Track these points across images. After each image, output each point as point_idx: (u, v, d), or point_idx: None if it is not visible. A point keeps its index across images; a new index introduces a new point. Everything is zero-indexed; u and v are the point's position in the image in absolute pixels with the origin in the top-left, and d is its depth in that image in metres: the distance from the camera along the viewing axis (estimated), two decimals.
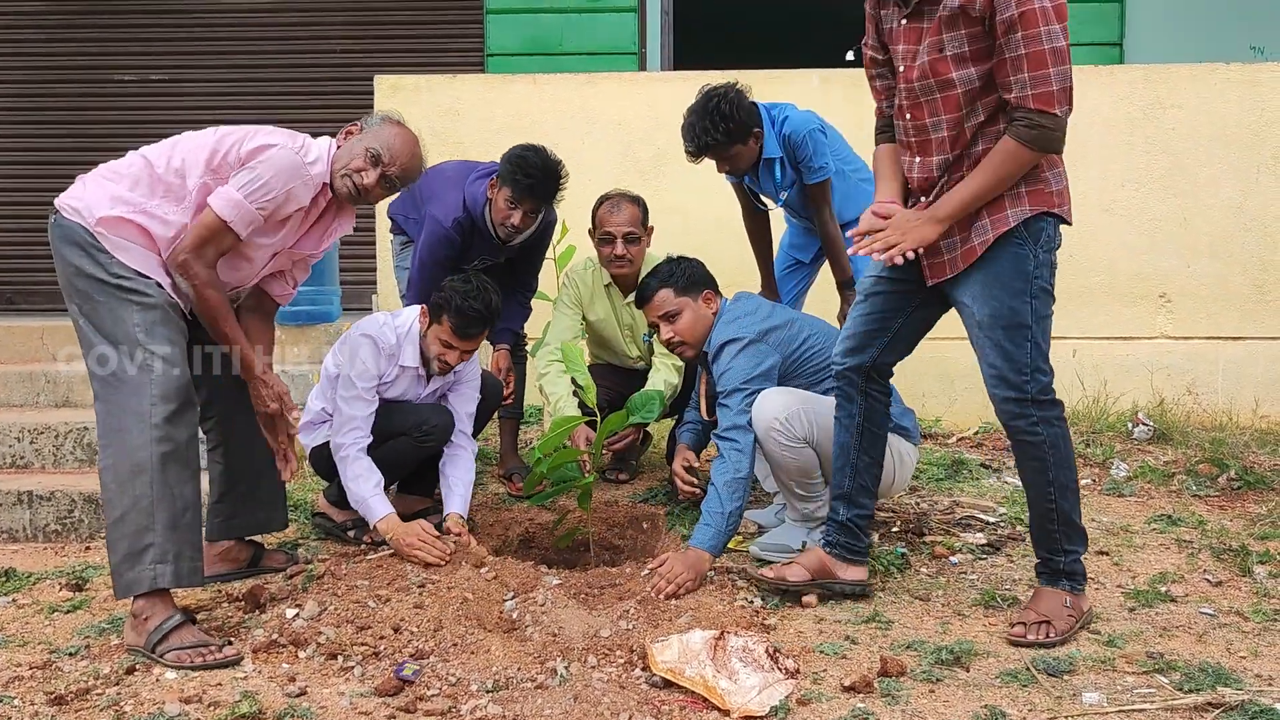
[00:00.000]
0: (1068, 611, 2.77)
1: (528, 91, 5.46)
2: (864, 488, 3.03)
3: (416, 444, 3.54)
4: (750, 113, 3.74)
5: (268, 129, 3.02)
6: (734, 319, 3.43)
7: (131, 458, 2.74)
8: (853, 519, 3.03)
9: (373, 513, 3.36)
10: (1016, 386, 2.69)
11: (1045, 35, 2.53)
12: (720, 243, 5.16)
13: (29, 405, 4.83)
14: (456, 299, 3.42)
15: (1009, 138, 2.60)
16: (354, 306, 5.79)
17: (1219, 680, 2.47)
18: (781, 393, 3.29)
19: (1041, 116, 2.56)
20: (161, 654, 2.69)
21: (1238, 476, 4.18)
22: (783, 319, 3.47)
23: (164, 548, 2.73)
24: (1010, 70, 2.56)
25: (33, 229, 6.72)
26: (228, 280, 3.05)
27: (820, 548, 3.10)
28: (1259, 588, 3.15)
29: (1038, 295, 2.68)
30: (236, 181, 2.88)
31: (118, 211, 2.86)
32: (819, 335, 3.48)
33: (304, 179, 2.95)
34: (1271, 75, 5.19)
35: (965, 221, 2.70)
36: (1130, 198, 5.24)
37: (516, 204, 3.79)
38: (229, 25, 6.95)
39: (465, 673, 2.54)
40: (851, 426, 3.01)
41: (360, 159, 3.01)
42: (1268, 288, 5.21)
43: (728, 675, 2.45)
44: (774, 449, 3.25)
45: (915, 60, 2.71)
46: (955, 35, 2.62)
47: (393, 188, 3.11)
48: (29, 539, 3.93)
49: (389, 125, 3.11)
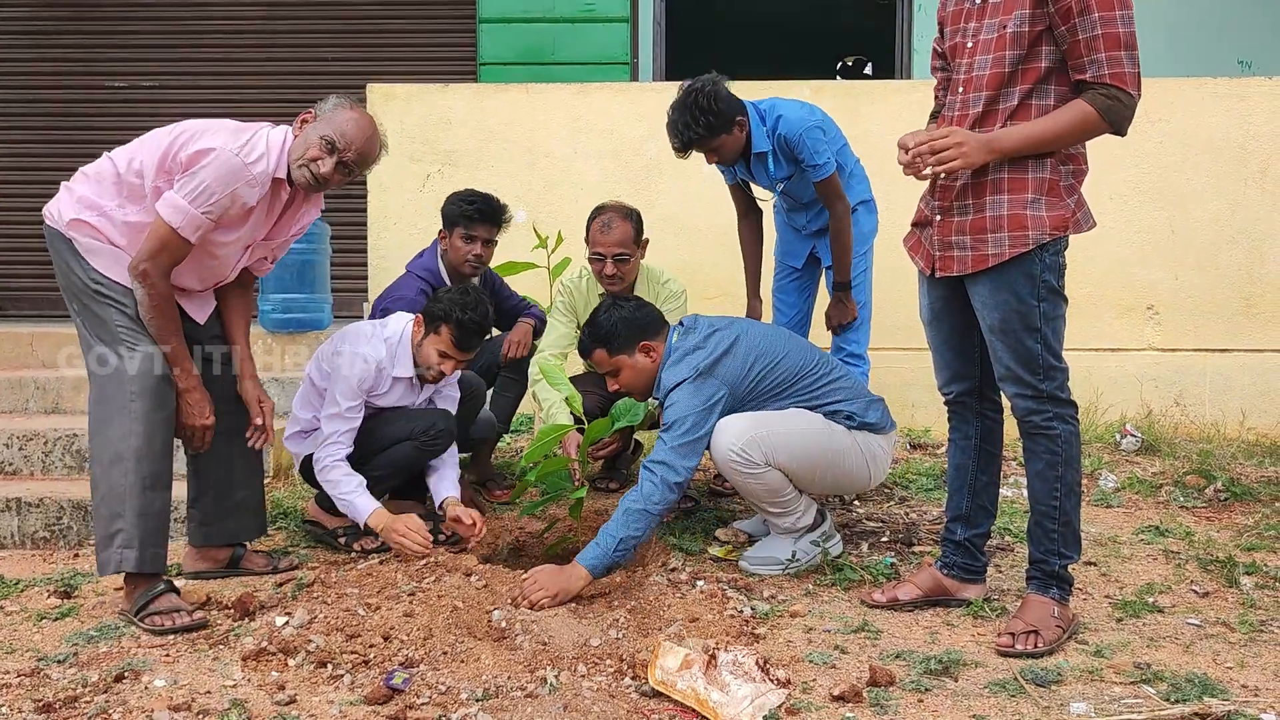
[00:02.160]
0: (1055, 621, 2.78)
1: (520, 101, 5.47)
2: (983, 508, 3.03)
3: (423, 448, 3.55)
4: (730, 103, 3.77)
5: (215, 127, 3.02)
6: (681, 358, 3.32)
7: (111, 447, 2.96)
8: (970, 539, 3.04)
9: (360, 511, 3.37)
10: (1030, 385, 2.73)
11: (1120, 19, 2.58)
12: (712, 252, 5.19)
13: (17, 412, 4.81)
14: (456, 311, 3.42)
15: (1083, 100, 2.62)
16: (345, 314, 5.78)
17: (1206, 691, 2.48)
18: (735, 420, 3.23)
19: (1120, 92, 2.59)
20: (141, 619, 2.96)
21: (1225, 488, 4.21)
22: (727, 344, 3.33)
23: (130, 534, 2.96)
24: (1085, 50, 2.60)
25: (21, 235, 6.73)
26: (205, 280, 3.15)
27: (934, 568, 3.10)
28: (1246, 599, 3.17)
29: (1045, 298, 2.70)
30: (181, 188, 2.93)
31: (81, 215, 3.01)
32: (771, 352, 3.37)
33: (246, 179, 2.97)
34: (1259, 89, 5.24)
35: (981, 223, 2.72)
36: (1118, 210, 5.27)
37: (473, 236, 3.94)
38: (221, 33, 6.96)
39: (455, 681, 2.54)
40: (968, 448, 3.01)
41: (316, 148, 3.04)
42: (1255, 300, 5.24)
43: (719, 688, 2.45)
44: (737, 479, 3.24)
45: (979, 36, 2.74)
46: (1021, 14, 2.65)
47: (351, 173, 3.13)
48: (17, 546, 3.92)
49: (342, 110, 3.12)
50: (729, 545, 3.59)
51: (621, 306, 3.42)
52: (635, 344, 3.38)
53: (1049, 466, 2.78)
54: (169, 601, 2.99)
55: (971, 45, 2.76)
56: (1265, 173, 5.22)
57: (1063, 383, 2.75)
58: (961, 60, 2.79)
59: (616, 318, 3.38)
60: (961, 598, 3.06)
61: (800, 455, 3.25)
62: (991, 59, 2.70)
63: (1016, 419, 2.80)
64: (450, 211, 4.00)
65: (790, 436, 3.23)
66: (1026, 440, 2.81)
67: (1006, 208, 2.69)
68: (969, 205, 2.75)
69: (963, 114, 2.75)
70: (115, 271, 3.02)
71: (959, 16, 2.82)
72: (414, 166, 5.42)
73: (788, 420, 3.28)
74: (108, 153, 3.08)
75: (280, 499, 4.03)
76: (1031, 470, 2.83)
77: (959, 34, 2.81)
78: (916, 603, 3.05)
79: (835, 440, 3.31)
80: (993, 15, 2.72)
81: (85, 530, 3.91)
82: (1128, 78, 2.59)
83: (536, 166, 5.45)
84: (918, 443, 4.95)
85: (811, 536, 3.39)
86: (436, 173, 5.43)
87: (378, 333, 3.56)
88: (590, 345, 3.43)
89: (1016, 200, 2.68)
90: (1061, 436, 2.75)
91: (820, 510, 3.44)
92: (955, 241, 2.77)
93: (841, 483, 3.42)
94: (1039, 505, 2.83)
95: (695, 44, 9.24)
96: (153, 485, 2.99)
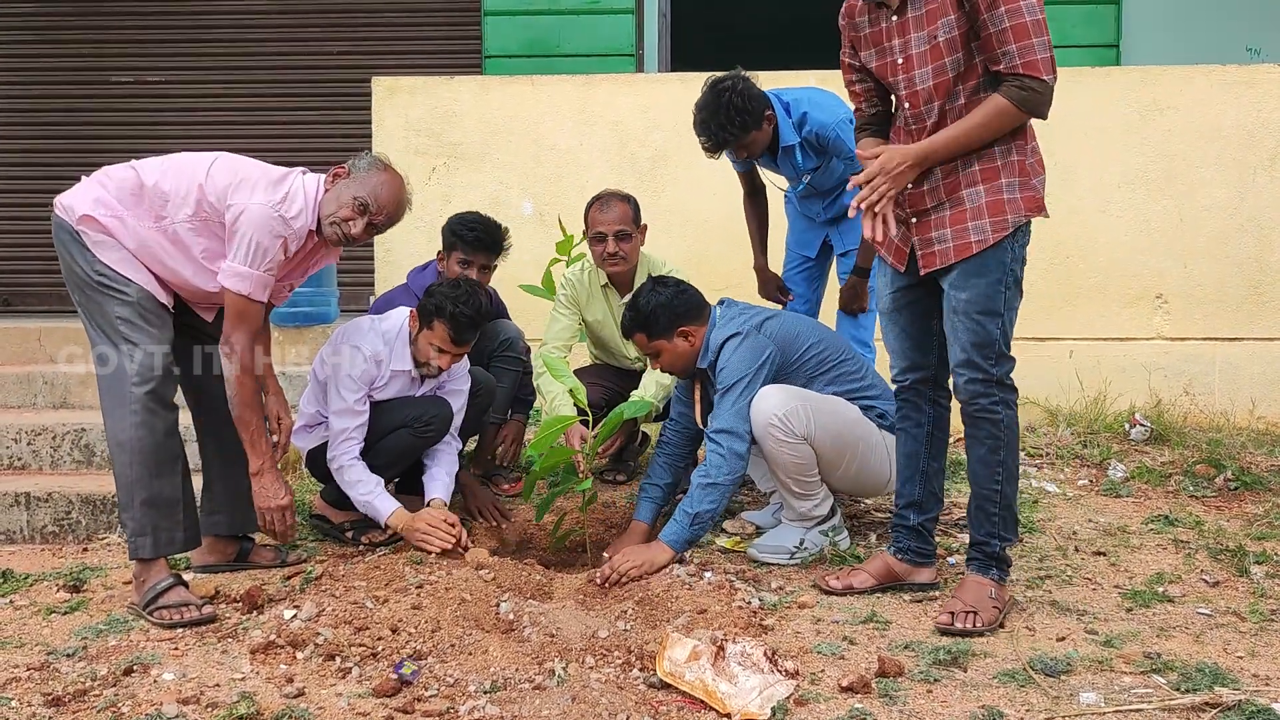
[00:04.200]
0: (993, 602, 2.86)
1: (525, 93, 5.46)
2: (933, 494, 3.09)
3: (417, 435, 3.55)
4: (758, 98, 3.76)
5: (253, 175, 3.09)
6: (729, 319, 3.43)
7: (116, 437, 3.03)
8: (922, 524, 3.09)
9: (380, 511, 3.40)
10: (983, 368, 2.81)
11: (1026, 8, 2.67)
12: (718, 242, 5.18)
13: (26, 407, 4.83)
14: (449, 305, 3.42)
15: (999, 96, 2.72)
16: (351, 308, 5.79)
17: (1216, 680, 2.48)
18: (779, 389, 3.30)
19: (1032, 80, 2.69)
20: (150, 612, 2.98)
21: (1235, 477, 4.19)
22: (773, 312, 3.52)
23: (141, 522, 3.02)
24: (997, 43, 2.70)
25: (29, 231, 6.73)
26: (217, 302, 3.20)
27: (886, 553, 3.14)
28: (1256, 588, 3.16)
29: (1010, 286, 2.82)
30: (235, 255, 3.02)
31: (96, 213, 3.04)
32: (810, 332, 3.49)
33: (291, 234, 3.09)
34: (1267, 76, 5.20)
35: (960, 215, 2.80)
36: (1127, 199, 5.25)
37: (470, 262, 3.89)
38: (226, 27, 6.94)
39: (463, 673, 2.54)
40: (920, 435, 3.07)
41: (348, 208, 3.12)
42: (1264, 288, 5.22)
43: (727, 679, 2.45)
44: (772, 446, 3.25)
45: (911, 51, 2.82)
46: (946, 21, 2.74)
47: (378, 232, 3.26)
48: (26, 540, 3.93)
49: (376, 172, 3.20)
50: (737, 537, 3.59)
51: (662, 290, 3.45)
52: (675, 329, 3.43)
53: (991, 451, 2.87)
54: (178, 595, 3.01)
55: (903, 61, 2.84)
56: (1274, 160, 5.19)
57: (1009, 370, 2.85)
58: (898, 77, 2.87)
59: (656, 302, 3.42)
60: (915, 581, 3.12)
61: (836, 437, 3.30)
62: (933, 69, 2.79)
63: (962, 403, 2.89)
64: (450, 236, 3.95)
65: (833, 417, 3.30)
66: (970, 426, 2.90)
67: (985, 196, 2.79)
68: (945, 203, 2.83)
69: (919, 127, 2.86)
70: (120, 264, 3.05)
71: (879, 37, 2.90)
72: (419, 159, 5.41)
73: (830, 402, 3.35)
74: (134, 162, 3.13)
75: None
76: (973, 455, 2.91)
77: (885, 53, 2.89)
78: (871, 589, 3.09)
79: (869, 434, 3.38)
80: (917, 28, 2.80)
81: (94, 524, 3.92)
82: (1039, 64, 2.68)
83: (542, 159, 5.43)
84: None
85: (822, 527, 3.39)
86: (442, 165, 5.43)
87: (375, 327, 3.57)
88: (631, 328, 3.48)
89: (992, 187, 2.79)
90: (1004, 421, 2.85)
91: (834, 505, 3.44)
92: (936, 237, 2.85)
93: (863, 479, 3.45)
94: (980, 489, 2.91)
95: (700, 35, 9.21)
96: (159, 472, 3.03)
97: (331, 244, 3.21)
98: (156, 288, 3.10)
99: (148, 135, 6.74)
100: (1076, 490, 4.22)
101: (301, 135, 6.71)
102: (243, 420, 3.16)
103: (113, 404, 3.03)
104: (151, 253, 3.08)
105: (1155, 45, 6.46)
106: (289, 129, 6.79)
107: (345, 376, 3.46)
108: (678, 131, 5.24)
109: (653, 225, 4.09)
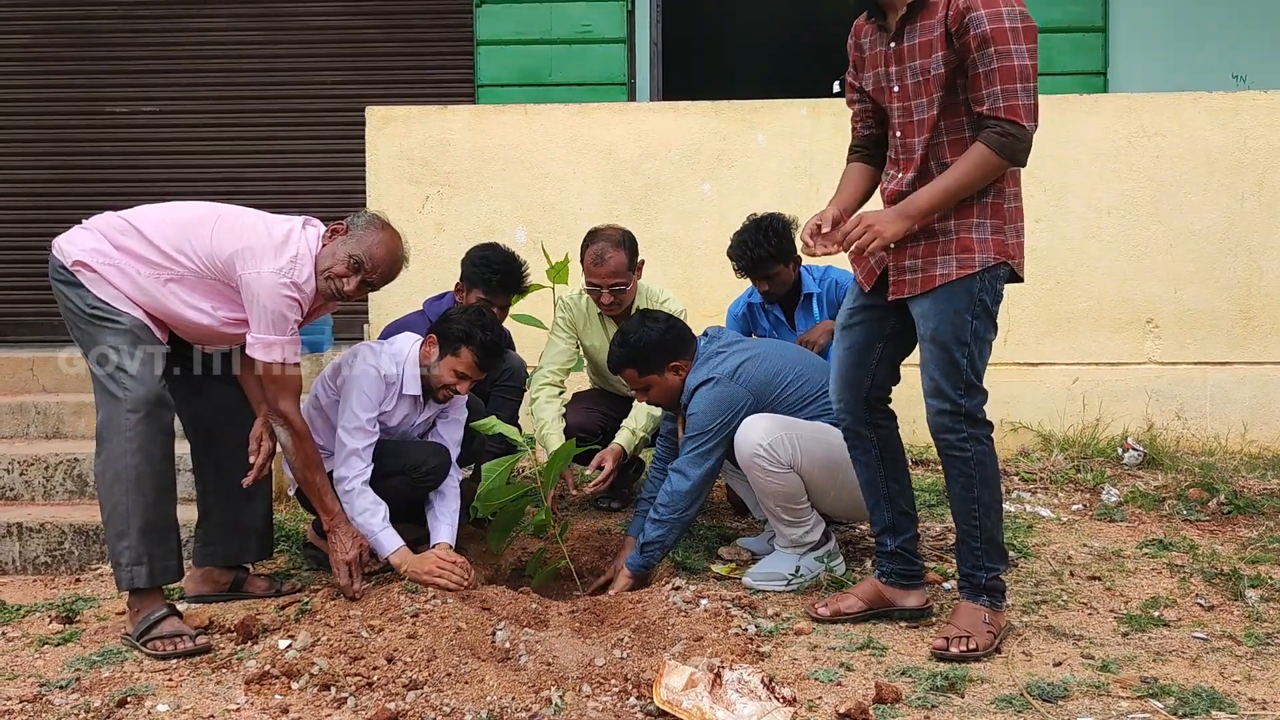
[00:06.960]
0: (987, 627, 2.86)
1: (518, 122, 5.49)
2: (904, 514, 3.09)
3: (414, 484, 3.53)
4: (793, 241, 3.94)
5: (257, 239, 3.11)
6: (707, 358, 3.45)
7: (111, 466, 3.02)
8: (901, 546, 3.08)
9: (384, 547, 3.36)
10: (950, 398, 2.81)
11: (1016, 53, 2.67)
12: (710, 269, 5.19)
13: (19, 437, 4.81)
14: (478, 333, 3.44)
15: (980, 143, 2.72)
16: (345, 336, 5.78)
17: (1213, 704, 2.48)
18: (765, 418, 3.30)
19: (1012, 126, 2.68)
20: (144, 643, 2.98)
21: (1228, 501, 4.20)
22: (752, 351, 3.48)
23: (138, 551, 3.02)
24: (983, 84, 2.70)
25: (22, 261, 6.72)
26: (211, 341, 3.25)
27: (875, 578, 3.13)
28: (1251, 611, 3.16)
29: (979, 315, 2.81)
30: (258, 326, 3.08)
31: (90, 260, 3.08)
32: (791, 366, 3.47)
33: (303, 296, 3.14)
34: (1253, 103, 5.26)
35: (932, 248, 2.82)
36: (1116, 224, 5.28)
37: (491, 302, 3.89)
38: (221, 57, 6.97)
39: (459, 703, 2.53)
40: (872, 461, 3.07)
41: (343, 265, 3.17)
42: (1253, 312, 5.25)
43: (725, 706, 2.44)
44: (759, 476, 3.26)
45: (905, 80, 2.84)
46: (937, 57, 2.76)
47: (373, 289, 3.29)
48: (18, 571, 3.91)
49: (373, 231, 3.24)
50: (732, 564, 3.59)
51: (651, 325, 3.47)
52: (665, 364, 3.44)
53: (965, 489, 2.87)
54: (171, 625, 3.01)
55: (898, 89, 2.87)
56: (1261, 186, 5.23)
57: (981, 403, 2.85)
58: (892, 104, 2.90)
59: (647, 339, 3.44)
60: (904, 606, 3.10)
61: (823, 465, 3.30)
62: (926, 103, 2.81)
63: (933, 436, 2.88)
64: (473, 274, 3.94)
65: (818, 445, 3.30)
66: (944, 461, 2.91)
67: (956, 232, 2.80)
68: (920, 233, 2.82)
69: (907, 157, 2.87)
70: (115, 300, 3.07)
71: (877, 61, 2.93)
72: (413, 188, 5.43)
73: (816, 429, 3.34)
74: (130, 214, 3.15)
75: (282, 521, 4.01)
76: (951, 492, 2.93)
77: (882, 78, 2.91)
78: (861, 616, 3.09)
79: None
80: (910, 59, 2.82)
81: (87, 555, 3.90)
82: (1021, 109, 2.68)
83: (535, 187, 5.45)
84: (919, 459, 4.94)
85: (817, 553, 3.39)
86: (436, 194, 5.44)
87: (385, 349, 3.56)
88: (620, 364, 3.50)
89: (963, 224, 2.80)
90: (974, 459, 2.84)
91: (826, 530, 3.44)
92: (909, 265, 2.86)
93: (853, 504, 3.43)
94: (961, 526, 2.92)
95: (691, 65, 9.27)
96: (155, 500, 3.05)
97: (325, 298, 3.23)
98: (150, 323, 3.11)
99: (143, 165, 6.75)
100: (1071, 515, 4.23)
101: (296, 165, 6.72)
102: (308, 483, 3.25)
103: (110, 431, 3.03)
104: (150, 298, 3.10)
105: (1142, 73, 6.53)
106: (283, 158, 6.81)
107: (359, 392, 3.42)
108: (670, 159, 5.28)
109: (645, 252, 4.10)
